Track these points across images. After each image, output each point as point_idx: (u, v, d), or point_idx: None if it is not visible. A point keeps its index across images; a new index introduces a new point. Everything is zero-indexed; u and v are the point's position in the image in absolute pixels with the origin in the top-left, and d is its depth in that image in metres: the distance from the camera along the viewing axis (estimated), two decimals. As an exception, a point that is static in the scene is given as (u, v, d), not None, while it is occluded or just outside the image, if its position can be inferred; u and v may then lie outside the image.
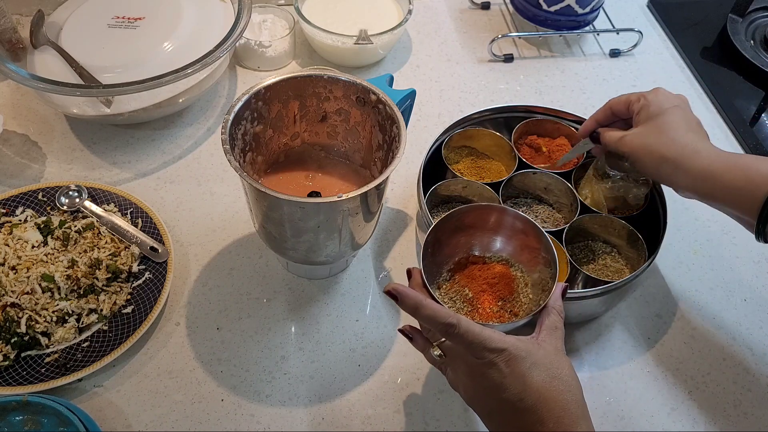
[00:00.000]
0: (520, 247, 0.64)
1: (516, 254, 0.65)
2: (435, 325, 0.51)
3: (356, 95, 0.68)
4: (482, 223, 0.65)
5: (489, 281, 0.63)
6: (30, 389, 0.63)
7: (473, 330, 0.51)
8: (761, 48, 1.07)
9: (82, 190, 0.78)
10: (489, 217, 0.64)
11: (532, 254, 0.63)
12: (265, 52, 0.96)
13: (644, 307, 0.76)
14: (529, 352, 0.51)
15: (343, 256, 0.71)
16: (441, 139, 0.80)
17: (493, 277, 0.63)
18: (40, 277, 0.69)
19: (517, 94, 0.99)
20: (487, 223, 0.65)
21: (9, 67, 0.79)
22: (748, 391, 0.70)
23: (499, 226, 0.64)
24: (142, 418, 0.65)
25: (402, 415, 0.66)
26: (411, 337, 0.59)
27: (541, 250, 0.62)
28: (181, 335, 0.70)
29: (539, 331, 0.55)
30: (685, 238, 0.83)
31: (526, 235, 0.63)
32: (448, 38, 1.07)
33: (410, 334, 0.59)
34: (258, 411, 0.66)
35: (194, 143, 0.89)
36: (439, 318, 0.51)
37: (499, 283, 0.63)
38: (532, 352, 0.51)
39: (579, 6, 1.00)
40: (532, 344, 0.52)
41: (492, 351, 0.51)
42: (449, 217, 0.63)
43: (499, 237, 0.65)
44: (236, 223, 0.80)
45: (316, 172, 0.75)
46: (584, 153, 0.78)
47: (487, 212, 0.64)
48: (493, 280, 0.63)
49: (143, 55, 0.85)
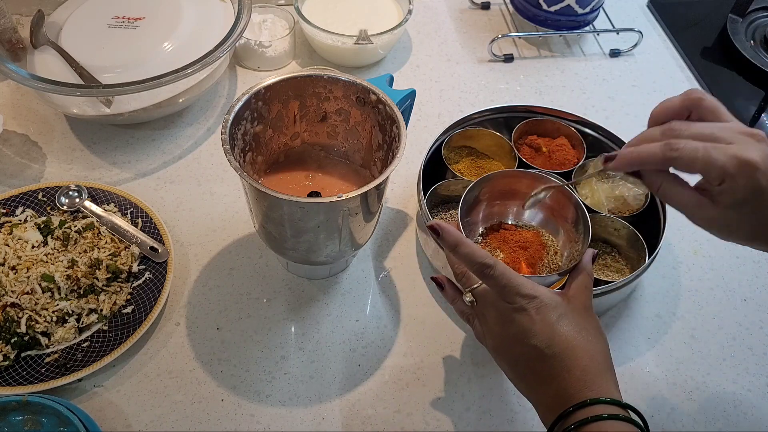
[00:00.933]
0: (552, 215, 0.66)
1: (547, 222, 0.67)
2: (472, 263, 0.52)
3: (356, 95, 0.68)
4: (514, 190, 0.67)
5: (521, 244, 0.66)
6: (30, 389, 0.63)
7: (508, 273, 0.52)
8: (761, 48, 1.07)
9: (82, 190, 0.78)
10: (521, 183, 0.66)
11: (563, 222, 0.65)
12: (265, 52, 0.96)
13: (644, 307, 0.76)
14: (560, 303, 0.53)
15: (343, 256, 0.71)
16: (441, 139, 0.80)
17: (525, 242, 0.66)
18: (40, 277, 0.69)
19: (517, 94, 0.99)
20: (519, 191, 0.66)
21: (9, 67, 0.79)
22: (748, 391, 0.70)
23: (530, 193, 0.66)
24: (142, 418, 0.65)
25: (402, 415, 0.66)
26: (443, 286, 0.60)
27: (572, 218, 0.63)
28: (181, 335, 0.70)
29: (569, 288, 0.56)
30: (685, 238, 0.83)
31: (558, 204, 0.65)
32: (448, 38, 1.07)
33: (442, 283, 0.60)
34: (258, 411, 0.66)
35: (194, 143, 0.89)
36: (477, 257, 0.52)
37: (530, 248, 0.65)
38: (562, 304, 0.53)
39: (579, 6, 1.00)
40: (563, 297, 0.54)
41: (524, 296, 0.52)
42: (485, 180, 0.65)
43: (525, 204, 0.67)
44: (236, 223, 0.80)
45: (316, 172, 0.75)
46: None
47: (519, 178, 0.66)
48: (525, 243, 0.65)
49: (143, 55, 0.85)
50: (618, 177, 0.77)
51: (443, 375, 0.69)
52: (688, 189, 0.50)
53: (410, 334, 0.72)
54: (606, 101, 0.99)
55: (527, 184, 0.65)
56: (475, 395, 0.68)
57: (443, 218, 0.78)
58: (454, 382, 0.69)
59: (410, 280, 0.76)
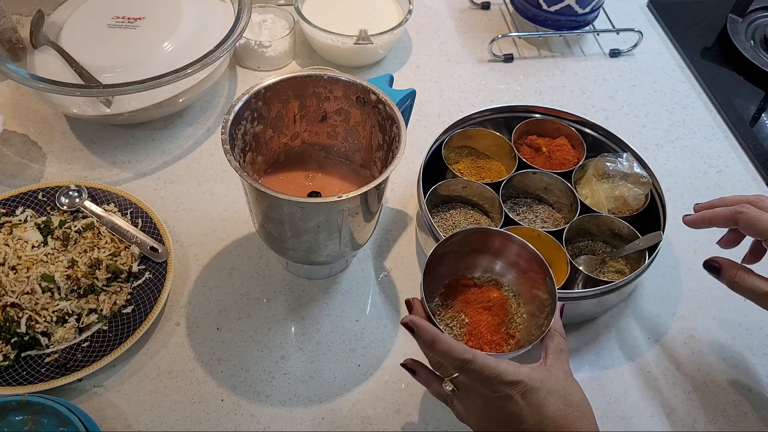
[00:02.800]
0: (511, 266, 0.63)
1: (505, 272, 0.63)
2: (451, 360, 0.51)
3: (356, 95, 0.68)
4: (477, 246, 0.63)
5: (484, 305, 0.62)
6: (30, 389, 0.63)
7: (489, 364, 0.50)
8: (761, 48, 1.07)
9: (82, 190, 0.78)
10: (484, 240, 0.63)
11: (525, 275, 0.62)
12: (265, 52, 0.96)
13: (644, 307, 0.76)
14: (543, 381, 0.52)
15: (343, 256, 0.71)
16: (441, 139, 0.80)
17: (488, 301, 0.62)
18: (40, 277, 0.69)
19: (517, 94, 0.99)
20: (482, 246, 0.63)
21: (9, 67, 0.79)
22: (748, 391, 0.70)
23: (492, 249, 0.63)
24: (142, 418, 0.65)
25: (402, 415, 0.66)
26: (414, 371, 0.58)
27: (536, 270, 0.60)
28: (181, 335, 0.70)
29: (546, 356, 0.55)
30: (685, 238, 0.83)
31: (521, 258, 0.62)
32: (448, 38, 1.07)
33: (413, 368, 0.58)
34: (258, 411, 0.66)
35: (194, 143, 0.89)
36: (455, 353, 0.50)
37: (494, 306, 0.62)
38: (545, 381, 0.52)
39: (579, 6, 1.00)
40: (544, 372, 0.53)
41: (508, 384, 0.51)
42: (445, 242, 0.60)
43: (493, 259, 0.64)
44: (236, 223, 0.80)
45: (316, 172, 0.75)
46: None
47: (480, 235, 0.63)
48: (488, 303, 0.62)
49: (143, 55, 0.85)
50: (618, 178, 0.77)
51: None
52: (761, 278, 0.60)
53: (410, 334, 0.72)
54: (606, 101, 0.99)
55: (499, 242, 0.62)
56: (475, 395, 0.68)
57: (443, 218, 0.78)
58: (454, 382, 0.69)
59: (410, 280, 0.76)
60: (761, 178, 0.90)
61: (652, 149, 0.92)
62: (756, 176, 0.91)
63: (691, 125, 0.97)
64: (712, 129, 0.96)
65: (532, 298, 0.61)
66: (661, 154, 0.92)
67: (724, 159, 0.93)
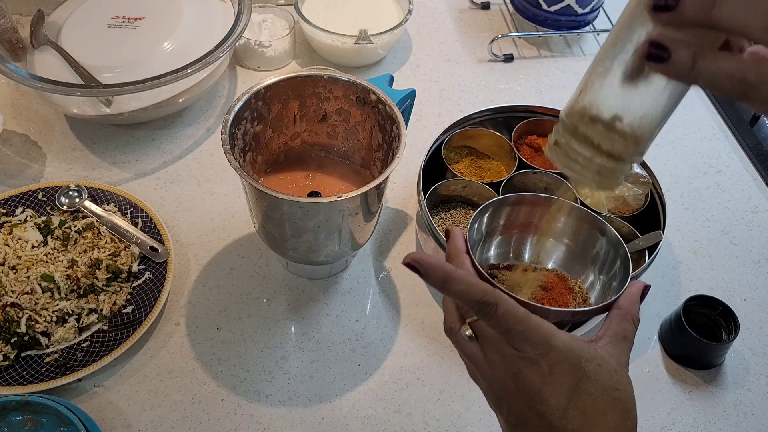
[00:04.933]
0: (573, 256, 0.57)
1: (568, 263, 0.58)
2: (468, 302, 0.41)
3: (356, 95, 0.68)
4: (534, 222, 0.57)
5: (542, 285, 0.56)
6: (30, 389, 0.63)
7: (516, 314, 0.40)
8: (761, 48, 1.07)
9: (82, 190, 0.78)
10: (543, 213, 0.56)
11: (588, 260, 0.56)
12: (265, 52, 0.96)
13: (644, 307, 0.76)
14: (586, 359, 0.41)
15: (343, 256, 0.71)
16: (441, 139, 0.80)
17: (547, 281, 0.56)
18: (40, 277, 0.69)
19: (517, 94, 0.99)
20: (540, 222, 0.57)
21: (9, 67, 0.78)
22: (748, 391, 0.70)
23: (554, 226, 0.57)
24: (142, 418, 0.65)
25: (402, 415, 0.66)
26: (419, 270, 0.42)
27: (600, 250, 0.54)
28: (181, 335, 0.70)
29: (603, 336, 0.44)
30: (685, 238, 0.83)
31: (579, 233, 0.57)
32: (448, 38, 1.07)
33: (417, 265, 0.42)
34: (258, 411, 0.66)
35: (194, 143, 0.89)
36: (473, 294, 0.40)
37: (554, 290, 0.57)
38: (589, 361, 0.41)
39: (579, 6, 1.00)
40: (591, 350, 0.42)
41: (536, 345, 0.40)
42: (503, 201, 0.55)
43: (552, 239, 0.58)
44: (236, 223, 0.80)
45: (316, 172, 0.75)
46: None
47: (543, 207, 0.56)
48: (546, 284, 0.56)
49: (143, 55, 0.85)
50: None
51: (443, 375, 0.69)
52: (731, 56, 0.36)
53: (410, 334, 0.72)
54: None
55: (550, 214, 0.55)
56: (475, 395, 0.68)
57: (443, 218, 0.78)
58: (454, 382, 0.69)
59: (410, 280, 0.76)
60: (761, 178, 0.90)
61: (652, 149, 0.91)
62: (756, 176, 0.91)
63: (691, 125, 0.97)
64: (712, 129, 0.96)
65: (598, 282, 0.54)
66: (661, 154, 0.92)
67: (724, 159, 0.93)
